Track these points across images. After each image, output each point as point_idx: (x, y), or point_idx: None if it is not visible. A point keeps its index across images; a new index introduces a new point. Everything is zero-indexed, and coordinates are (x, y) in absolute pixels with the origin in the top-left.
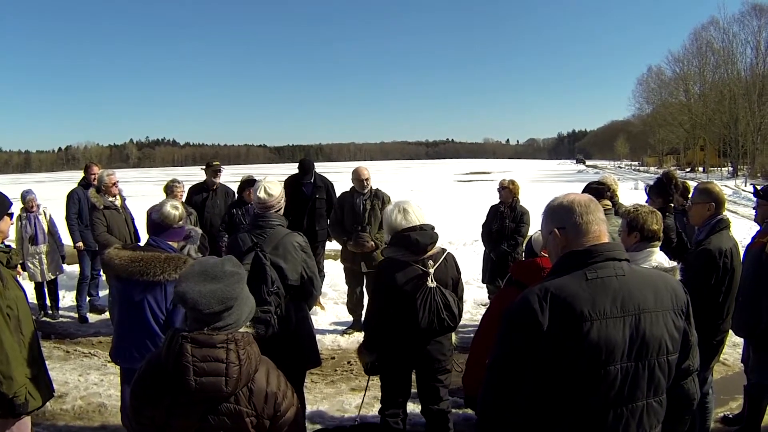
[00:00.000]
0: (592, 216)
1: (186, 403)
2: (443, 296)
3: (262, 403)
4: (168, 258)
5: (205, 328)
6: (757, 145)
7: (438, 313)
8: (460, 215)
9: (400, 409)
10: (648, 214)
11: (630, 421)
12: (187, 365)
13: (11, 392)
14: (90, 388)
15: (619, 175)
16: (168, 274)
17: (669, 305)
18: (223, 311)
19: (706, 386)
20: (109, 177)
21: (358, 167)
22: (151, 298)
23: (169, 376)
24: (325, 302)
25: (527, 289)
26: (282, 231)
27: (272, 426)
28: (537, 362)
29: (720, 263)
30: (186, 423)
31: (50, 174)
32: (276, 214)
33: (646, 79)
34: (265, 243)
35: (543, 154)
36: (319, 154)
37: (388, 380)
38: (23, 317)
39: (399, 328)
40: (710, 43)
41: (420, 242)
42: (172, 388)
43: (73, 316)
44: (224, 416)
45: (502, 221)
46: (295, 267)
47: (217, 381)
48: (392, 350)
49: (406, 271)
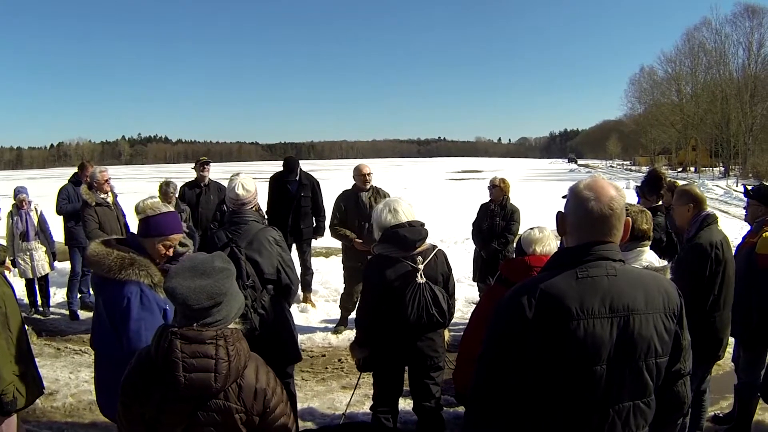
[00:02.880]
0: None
1: (175, 399)
2: (432, 292)
3: (252, 399)
4: (117, 256)
5: (195, 324)
6: (749, 145)
7: (427, 308)
8: (451, 213)
9: (391, 407)
10: (637, 214)
11: (616, 421)
12: (176, 361)
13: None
14: (81, 385)
15: (611, 175)
16: (113, 273)
17: (660, 307)
18: (212, 306)
19: (704, 384)
20: (102, 174)
21: (359, 164)
22: (102, 294)
23: (159, 372)
24: (316, 300)
25: (518, 284)
26: (256, 226)
27: (262, 422)
28: (524, 359)
29: (712, 255)
30: (176, 419)
31: (42, 171)
32: (250, 210)
33: (639, 79)
34: (240, 238)
35: (535, 153)
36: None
37: (380, 377)
38: (11, 314)
39: (389, 324)
40: (702, 44)
41: (408, 238)
42: (161, 384)
43: (64, 313)
44: (213, 412)
45: (493, 219)
46: (270, 261)
47: (207, 377)
48: (384, 346)
49: (395, 267)
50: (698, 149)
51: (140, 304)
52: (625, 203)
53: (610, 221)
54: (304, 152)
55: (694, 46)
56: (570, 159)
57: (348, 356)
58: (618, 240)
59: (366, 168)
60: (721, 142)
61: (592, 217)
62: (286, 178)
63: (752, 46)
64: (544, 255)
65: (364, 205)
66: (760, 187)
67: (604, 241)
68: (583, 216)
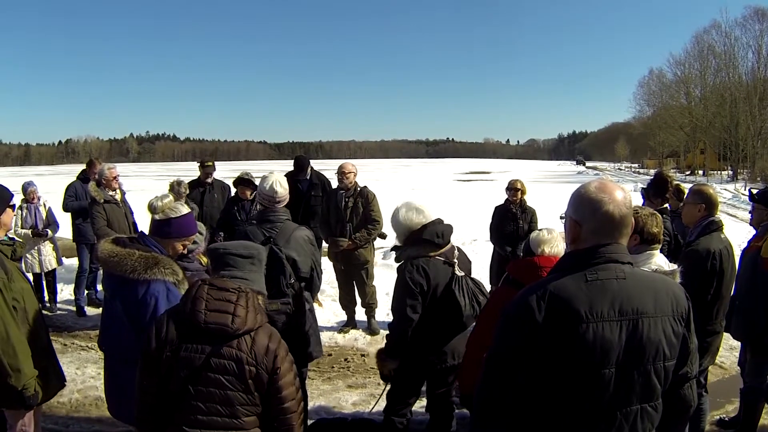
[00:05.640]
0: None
1: (193, 338)
2: (473, 281)
3: (263, 354)
4: (141, 256)
5: (223, 272)
6: (757, 149)
7: (475, 297)
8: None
9: (408, 408)
10: (648, 217)
11: (623, 424)
12: (200, 299)
13: (20, 385)
14: (87, 381)
15: (619, 177)
16: (137, 273)
17: (669, 311)
18: (248, 257)
19: (699, 388)
20: (110, 171)
21: (342, 163)
22: (121, 294)
23: (184, 315)
24: (323, 299)
25: (527, 286)
26: (291, 225)
27: (270, 383)
28: (532, 361)
29: (708, 264)
30: (190, 363)
31: (50, 167)
32: (283, 209)
33: (647, 81)
34: (278, 237)
35: (543, 154)
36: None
37: (403, 382)
38: (30, 309)
39: (437, 325)
40: (712, 47)
41: (445, 233)
42: (184, 323)
43: (71, 310)
44: (226, 360)
45: (516, 222)
46: (306, 260)
47: (224, 317)
48: (422, 350)
49: (437, 266)
50: (706, 152)
51: (168, 303)
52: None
53: (627, 220)
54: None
55: (704, 48)
56: (578, 161)
57: (354, 356)
58: (627, 241)
59: (346, 166)
60: (730, 146)
61: (612, 220)
62: (296, 177)
63: (762, 50)
64: (553, 256)
65: (341, 205)
66: (765, 191)
67: (612, 243)
68: (601, 220)
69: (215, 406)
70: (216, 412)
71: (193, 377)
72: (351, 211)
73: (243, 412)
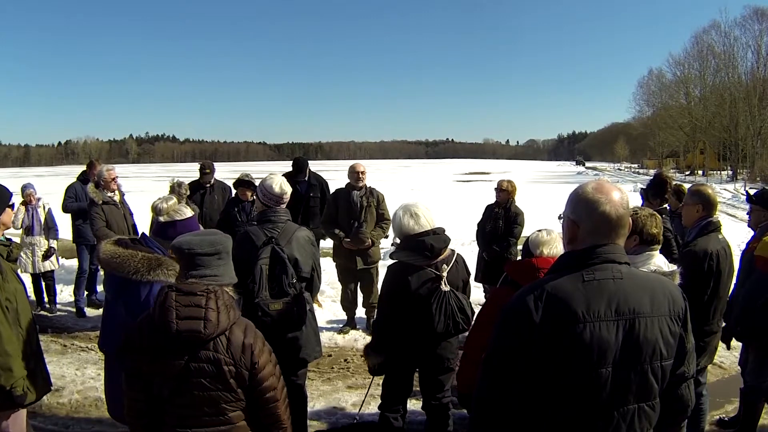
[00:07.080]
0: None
1: (168, 347)
2: (457, 299)
3: (239, 352)
4: (144, 257)
5: (193, 273)
6: (757, 149)
7: (453, 316)
8: (458, 215)
9: (401, 405)
10: (648, 218)
11: (621, 423)
12: (170, 308)
13: (9, 384)
14: (87, 382)
15: (618, 178)
16: (141, 275)
17: (665, 311)
18: (214, 254)
19: (699, 387)
20: (109, 172)
21: (354, 162)
22: (125, 295)
23: (156, 324)
24: (323, 300)
25: (524, 286)
26: (293, 226)
27: (251, 378)
28: (530, 361)
29: (704, 265)
30: (169, 369)
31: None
32: (284, 210)
33: (647, 81)
34: (280, 237)
35: (543, 155)
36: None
37: (393, 379)
38: (22, 310)
39: (412, 332)
40: (711, 47)
41: (435, 247)
42: (157, 333)
43: (71, 311)
44: (204, 363)
45: (496, 222)
46: (307, 260)
47: (196, 324)
48: (402, 352)
49: (419, 274)
50: (706, 152)
51: None
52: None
53: (624, 221)
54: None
55: (703, 48)
56: (578, 161)
57: (354, 356)
58: (624, 241)
59: (360, 167)
60: (729, 146)
61: (609, 221)
62: (295, 178)
63: (761, 50)
64: (551, 257)
65: (356, 204)
66: (763, 193)
67: (609, 243)
68: (598, 220)
69: (200, 407)
70: (202, 413)
71: (174, 383)
72: (365, 210)
73: (228, 408)
